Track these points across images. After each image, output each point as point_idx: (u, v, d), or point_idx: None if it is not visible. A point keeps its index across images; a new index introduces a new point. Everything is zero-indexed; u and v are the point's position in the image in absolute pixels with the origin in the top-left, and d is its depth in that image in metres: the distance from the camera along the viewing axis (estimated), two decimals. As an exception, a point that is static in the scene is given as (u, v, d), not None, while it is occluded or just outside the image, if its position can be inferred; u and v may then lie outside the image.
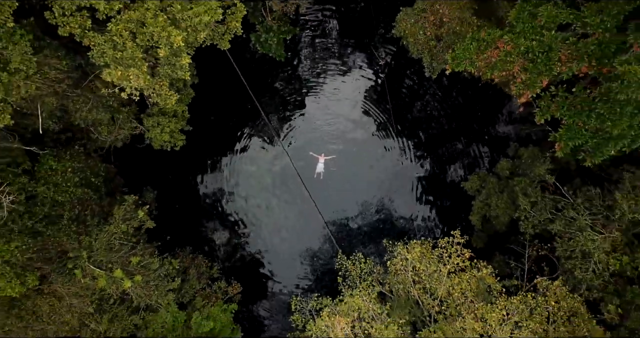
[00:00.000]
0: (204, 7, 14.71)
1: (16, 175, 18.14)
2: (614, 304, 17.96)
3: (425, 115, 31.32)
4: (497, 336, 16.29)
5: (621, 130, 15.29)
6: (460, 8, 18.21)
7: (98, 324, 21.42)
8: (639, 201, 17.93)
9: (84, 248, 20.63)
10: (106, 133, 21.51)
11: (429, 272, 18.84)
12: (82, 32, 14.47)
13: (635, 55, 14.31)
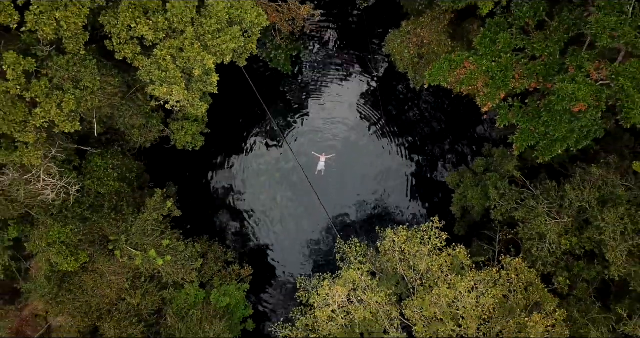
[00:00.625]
0: (230, 36, 18.80)
1: (69, 170, 22.18)
2: (563, 277, 22.02)
3: (417, 118, 35.32)
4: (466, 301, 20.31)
5: (565, 133, 19.36)
6: (438, 32, 22.29)
7: (132, 298, 25.46)
8: (584, 192, 21.97)
9: (122, 232, 24.71)
10: (138, 135, 25.52)
11: (412, 251, 22.89)
12: (133, 56, 18.54)
13: (570, 75, 18.38)
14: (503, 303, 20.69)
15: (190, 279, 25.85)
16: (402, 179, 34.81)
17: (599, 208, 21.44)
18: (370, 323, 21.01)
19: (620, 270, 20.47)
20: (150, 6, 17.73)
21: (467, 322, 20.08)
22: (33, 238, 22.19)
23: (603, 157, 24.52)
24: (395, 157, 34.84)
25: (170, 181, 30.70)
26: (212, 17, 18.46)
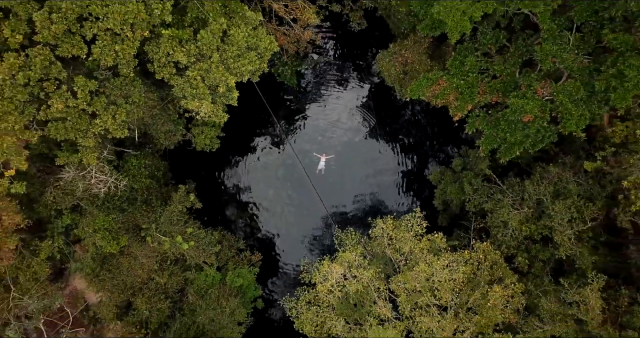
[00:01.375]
0: (248, 60, 23.60)
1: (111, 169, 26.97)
2: (523, 257, 26.82)
3: (408, 122, 40.11)
4: (441, 276, 25.08)
5: (520, 138, 24.15)
6: (419, 53, 27.08)
7: (160, 278, 30.25)
8: (541, 187, 26.75)
9: (152, 222, 29.51)
10: (164, 139, 30.31)
11: (398, 237, 27.67)
12: (170, 76, 23.33)
13: (521, 92, 23.19)
14: (471, 278, 25.47)
15: (210, 262, 30.67)
16: (395, 177, 39.58)
17: (552, 200, 26.22)
18: (362, 294, 25.82)
19: (567, 251, 25.28)
20: (184, 37, 22.53)
21: (442, 293, 24.84)
22: (82, 225, 27.02)
23: (561, 158, 29.32)
24: (389, 157, 39.62)
25: (189, 178, 35.47)
26: (233, 45, 23.26)
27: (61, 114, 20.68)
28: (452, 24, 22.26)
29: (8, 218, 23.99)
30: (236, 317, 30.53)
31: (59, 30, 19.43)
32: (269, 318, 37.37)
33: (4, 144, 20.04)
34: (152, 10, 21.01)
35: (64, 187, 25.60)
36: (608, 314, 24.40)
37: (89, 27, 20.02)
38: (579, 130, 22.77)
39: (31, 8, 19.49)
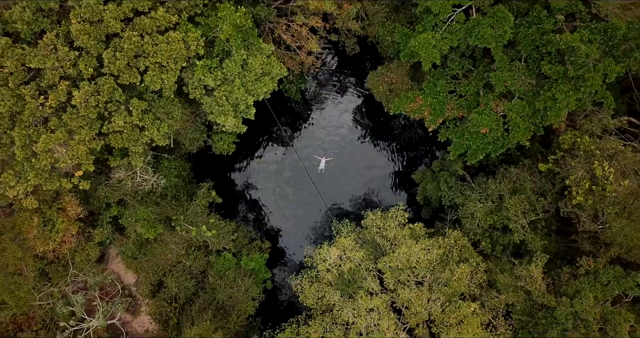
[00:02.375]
0: (263, 83, 30.15)
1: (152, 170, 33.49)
2: (486, 242, 33.37)
3: (398, 129, 46.55)
4: (418, 257, 31.56)
5: (482, 145, 30.66)
6: (402, 75, 33.62)
7: (187, 261, 36.78)
8: (502, 184, 33.25)
9: (180, 214, 36.05)
10: (189, 145, 36.82)
11: (385, 226, 34.19)
12: (200, 96, 29.86)
13: (480, 109, 29.71)
14: (443, 259, 32.00)
15: (229, 248, 37.25)
16: (386, 176, 46.08)
17: (510, 195, 32.75)
18: (354, 272, 32.36)
19: (520, 236, 31.85)
20: (213, 65, 29.05)
21: (419, 270, 31.36)
22: (126, 216, 33.60)
23: (521, 160, 35.85)
24: (381, 159, 46.13)
25: (207, 177, 42.02)
26: (251, 71, 29.80)
27: (120, 127, 27.20)
28: (425, 55, 28.80)
29: (72, 209, 30.61)
30: (250, 294, 37.05)
31: (121, 64, 25.96)
32: (276, 298, 43.89)
33: (78, 151, 26.56)
34: (189, 46, 27.54)
35: (112, 185, 32.16)
36: (552, 286, 30.95)
37: (142, 61, 26.57)
38: (524, 140, 29.30)
39: (100, 47, 26.03)
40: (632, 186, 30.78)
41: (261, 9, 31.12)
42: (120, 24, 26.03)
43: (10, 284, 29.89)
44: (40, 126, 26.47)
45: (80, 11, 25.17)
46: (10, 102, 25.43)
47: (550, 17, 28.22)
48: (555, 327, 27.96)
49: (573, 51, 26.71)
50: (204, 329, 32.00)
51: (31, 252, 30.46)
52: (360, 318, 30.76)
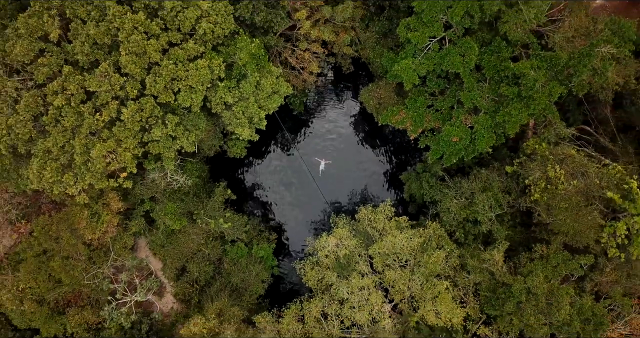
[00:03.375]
0: (273, 100, 37.08)
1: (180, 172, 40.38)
2: (460, 232, 40.30)
3: (392, 133, 53.46)
4: (402, 244, 38.43)
5: (455, 151, 37.57)
6: (389, 91, 40.53)
7: (205, 249, 43.69)
8: (473, 184, 40.15)
9: (200, 208, 42.96)
10: (207, 149, 43.71)
11: (375, 219, 41.11)
12: (221, 110, 36.78)
13: (452, 122, 36.61)
14: (423, 246, 38.92)
15: (241, 238, 44.20)
16: (379, 176, 53.06)
17: (480, 193, 39.65)
18: (349, 258, 39.28)
19: (487, 227, 38.76)
20: (231, 86, 35.97)
21: (402, 255, 38.28)
22: (156, 210, 40.55)
23: (492, 163, 42.74)
24: (375, 161, 53.11)
25: (222, 177, 48.96)
26: (263, 90, 36.73)
27: (157, 137, 34.13)
28: (406, 78, 35.75)
29: (114, 204, 37.61)
30: (260, 277, 44.03)
31: (160, 87, 32.89)
32: (281, 284, 50.92)
33: (125, 157, 33.50)
34: (213, 70, 34.45)
35: (146, 184, 39.12)
36: (513, 269, 37.87)
37: (176, 84, 33.49)
38: (487, 147, 36.25)
39: (143, 73, 32.95)
40: (580, 185, 37.65)
41: (271, 38, 38.09)
42: (159, 54, 32.96)
43: (65, 266, 36.86)
44: (95, 137, 33.38)
45: (128, 45, 32.07)
46: (73, 118, 32.37)
47: (508, 46, 35.17)
48: (512, 300, 34.85)
49: (524, 76, 33.64)
50: (223, 304, 38.97)
51: (81, 239, 37.42)
52: (353, 295, 37.69)
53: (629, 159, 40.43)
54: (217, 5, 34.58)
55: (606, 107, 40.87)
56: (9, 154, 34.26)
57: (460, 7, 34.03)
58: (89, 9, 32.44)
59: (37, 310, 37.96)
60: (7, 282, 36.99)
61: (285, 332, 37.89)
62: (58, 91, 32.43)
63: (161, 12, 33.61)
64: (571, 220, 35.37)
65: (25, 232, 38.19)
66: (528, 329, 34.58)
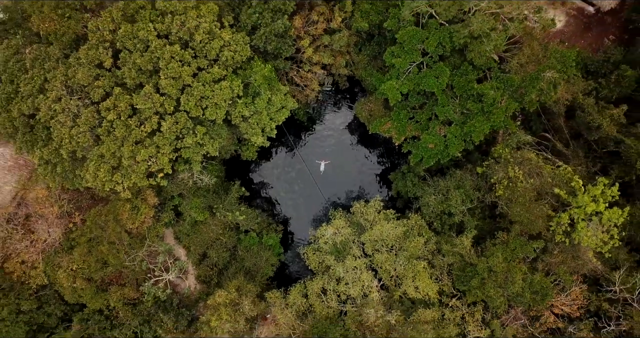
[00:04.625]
0: (282, 113, 45.88)
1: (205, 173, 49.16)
2: (438, 223, 49.10)
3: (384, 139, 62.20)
4: (388, 232, 47.19)
5: (432, 154, 46.41)
6: (378, 105, 49.30)
7: (223, 238, 52.41)
8: (449, 182, 48.92)
9: (219, 203, 51.74)
10: (224, 153, 52.48)
11: (366, 212, 49.91)
12: (239, 122, 45.56)
13: (429, 131, 45.41)
14: (406, 234, 47.70)
15: (253, 229, 52.99)
16: (373, 175, 61.93)
17: (454, 190, 48.41)
18: (344, 243, 48.08)
19: (459, 218, 47.55)
20: (248, 102, 44.73)
21: (389, 241, 47.06)
22: (183, 205, 49.32)
23: (465, 164, 51.52)
24: (369, 162, 61.96)
25: (236, 177, 57.74)
26: (274, 105, 45.50)
27: (189, 145, 42.88)
28: (391, 96, 44.52)
29: (150, 199, 46.40)
30: (269, 262, 52.84)
31: (192, 104, 41.62)
32: (286, 270, 59.80)
33: (162, 160, 42.23)
34: (233, 90, 43.15)
35: (176, 182, 47.90)
36: (480, 253, 46.63)
37: (204, 102, 42.22)
38: (458, 152, 45.05)
39: (178, 93, 41.66)
40: (535, 183, 46.40)
41: (280, 62, 46.92)
42: (191, 78, 41.70)
43: (111, 250, 45.63)
44: (139, 144, 42.13)
45: (167, 71, 40.81)
46: (122, 129, 41.13)
47: (474, 70, 43.96)
48: (477, 277, 43.64)
49: (486, 94, 42.44)
50: (240, 282, 47.76)
51: (124, 228, 46.17)
52: (348, 274, 46.49)
53: (579, 161, 49.15)
54: (237, 37, 43.38)
55: (560, 118, 49.53)
56: (69, 158, 43.05)
57: (434, 38, 42.82)
58: (135, 42, 41.15)
59: (86, 287, 46.76)
60: (63, 263, 45.74)
61: (292, 305, 46.68)
62: (110, 108, 41.19)
63: (192, 43, 42.35)
64: (525, 212, 44.14)
65: (78, 221, 46.95)
66: (489, 299, 43.44)
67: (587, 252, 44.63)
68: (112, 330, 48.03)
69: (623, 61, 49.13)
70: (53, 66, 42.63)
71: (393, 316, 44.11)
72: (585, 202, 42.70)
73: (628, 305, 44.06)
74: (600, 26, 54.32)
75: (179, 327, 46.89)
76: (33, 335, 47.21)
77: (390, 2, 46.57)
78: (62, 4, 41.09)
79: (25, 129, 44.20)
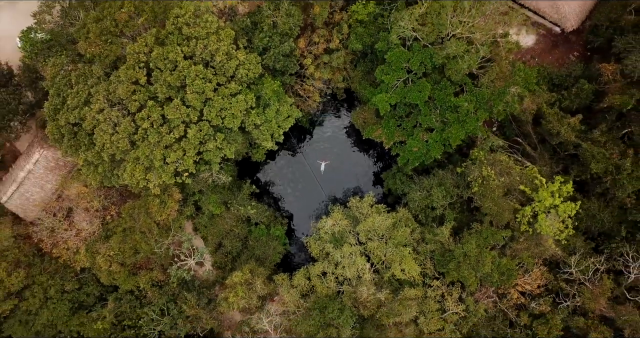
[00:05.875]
0: (288, 122, 54.60)
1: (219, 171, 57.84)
2: (423, 215, 57.81)
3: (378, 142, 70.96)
4: (379, 223, 55.85)
5: (417, 156, 55.18)
6: (371, 113, 58.01)
7: (236, 229, 61.12)
8: (432, 180, 57.61)
9: (233, 199, 60.43)
10: (237, 155, 61.11)
11: (361, 206, 58.62)
12: (251, 129, 54.25)
13: (414, 136, 54.15)
14: (395, 225, 56.36)
15: (263, 221, 61.72)
16: (368, 174, 70.67)
17: (436, 187, 57.08)
18: (341, 233, 56.78)
19: (440, 211, 56.26)
20: (259, 112, 53.40)
21: (380, 231, 55.74)
22: (202, 199, 58.01)
23: (447, 165, 60.21)
24: (365, 162, 70.70)
25: (246, 176, 66.43)
26: (282, 115, 54.20)
27: (210, 149, 51.54)
28: (381, 107, 53.24)
29: (175, 195, 55.12)
30: (276, 250, 61.54)
31: (213, 115, 50.28)
32: (290, 259, 68.59)
33: (188, 162, 50.89)
34: (247, 102, 51.79)
35: (197, 180, 56.60)
36: (457, 240, 55.31)
37: (224, 112, 50.86)
38: (438, 155, 53.80)
39: (201, 105, 50.31)
40: (505, 181, 55.06)
41: (287, 77, 55.69)
42: (212, 92, 50.34)
43: (143, 238, 54.30)
44: (168, 149, 50.79)
45: (192, 87, 49.45)
46: (155, 136, 49.80)
47: (452, 85, 52.64)
48: (454, 260, 52.34)
49: (460, 106, 51.15)
50: (252, 266, 56.46)
51: (153, 220, 54.84)
52: (344, 259, 55.17)
53: (544, 162, 57.84)
54: (250, 57, 52.06)
55: (528, 125, 58.21)
56: (109, 160, 51.75)
57: (417, 58, 51.54)
58: (165, 62, 49.78)
59: (120, 270, 55.46)
60: (101, 250, 54.42)
61: (296, 285, 55.39)
62: (145, 118, 49.84)
63: (212, 63, 51.01)
64: (495, 206, 52.86)
65: (114, 214, 55.64)
66: (464, 279, 52.17)
67: (547, 239, 53.33)
68: (142, 308, 56.76)
69: (582, 76, 57.87)
70: (95, 82, 51.36)
71: (383, 294, 52.85)
72: (545, 197, 51.44)
73: (582, 284, 52.84)
74: (566, 44, 63.03)
75: (200, 304, 55.61)
76: (75, 311, 55.96)
77: (380, 26, 55.32)
78: (106, 30, 49.73)
79: (70, 135, 52.86)
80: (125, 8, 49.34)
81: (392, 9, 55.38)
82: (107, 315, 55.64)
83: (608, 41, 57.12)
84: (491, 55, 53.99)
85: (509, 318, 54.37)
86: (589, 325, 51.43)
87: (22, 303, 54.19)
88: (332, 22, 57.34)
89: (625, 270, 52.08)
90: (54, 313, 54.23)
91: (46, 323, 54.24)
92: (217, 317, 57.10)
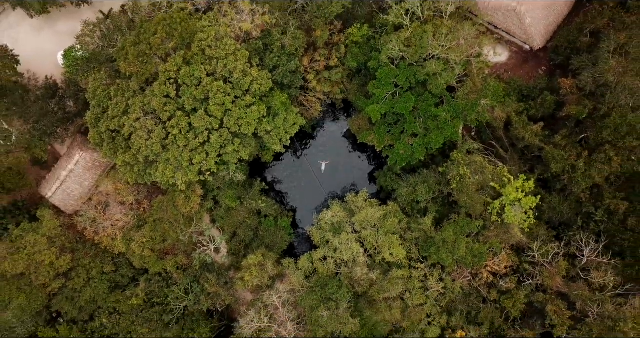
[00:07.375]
0: (294, 128, 65.33)
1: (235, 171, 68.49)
2: (410, 208, 68.53)
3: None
4: (372, 215, 66.50)
5: (404, 157, 65.95)
6: (365, 121, 68.69)
7: (249, 220, 71.71)
8: (417, 178, 68.27)
9: (245, 194, 71.06)
10: (250, 156, 71.71)
11: (356, 200, 69.29)
12: (263, 134, 64.98)
13: (400, 141, 64.90)
14: (385, 216, 67.03)
15: (271, 214, 72.41)
16: (364, 173, 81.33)
17: (420, 184, 67.73)
18: (339, 223, 67.44)
19: (424, 205, 66.91)
20: (270, 120, 64.06)
21: (372, 221, 66.36)
22: (220, 195, 68.69)
23: (431, 165, 70.88)
24: (362, 162, 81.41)
25: (256, 174, 77.07)
26: (288, 122, 64.91)
27: (228, 152, 62.16)
28: (373, 116, 63.96)
29: (198, 191, 65.86)
30: (283, 239, 72.22)
31: (231, 123, 60.93)
32: (293, 249, 79.41)
33: (211, 162, 61.48)
34: (260, 112, 62.41)
35: (217, 178, 67.24)
36: (438, 229, 65.95)
37: (240, 121, 61.49)
38: (422, 157, 64.55)
39: (222, 115, 60.94)
40: (479, 179, 65.71)
41: (293, 90, 66.44)
42: (231, 104, 60.97)
43: (171, 228, 64.91)
44: (194, 152, 61.40)
45: (214, 100, 60.07)
46: (182, 141, 60.44)
47: (433, 97, 63.28)
48: (434, 246, 63.00)
49: (440, 115, 61.85)
50: (263, 252, 67.15)
51: (179, 212, 65.47)
52: (342, 245, 65.87)
53: (514, 163, 68.55)
54: (262, 74, 62.74)
55: (500, 131, 68.90)
56: (143, 161, 62.42)
57: (404, 75, 62.24)
58: (191, 79, 60.39)
59: (150, 255, 66.16)
60: (135, 237, 65.07)
61: (301, 268, 66.10)
62: (174, 126, 60.47)
63: (230, 79, 61.64)
64: (469, 200, 63.56)
65: (146, 206, 66.27)
66: (443, 261, 62.90)
67: (514, 228, 64.07)
68: (169, 287, 67.46)
69: (546, 88, 68.58)
70: (132, 95, 62.00)
71: (374, 274, 63.60)
72: (510, 192, 62.18)
73: (542, 266, 63.59)
74: (535, 60, 73.72)
75: (219, 283, 66.33)
76: (112, 290, 66.68)
77: (373, 47, 66.04)
78: (142, 53, 60.34)
79: (109, 140, 63.46)
80: (159, 34, 59.87)
81: (382, 33, 66.06)
82: (139, 293, 66.30)
83: (567, 59, 67.82)
84: (466, 72, 64.74)
85: (482, 295, 65.16)
86: (547, 300, 62.17)
87: (68, 283, 64.92)
88: (332, 43, 68.03)
89: (580, 254, 62.82)
90: (95, 291, 64.92)
91: (88, 300, 64.97)
92: (233, 294, 67.84)
